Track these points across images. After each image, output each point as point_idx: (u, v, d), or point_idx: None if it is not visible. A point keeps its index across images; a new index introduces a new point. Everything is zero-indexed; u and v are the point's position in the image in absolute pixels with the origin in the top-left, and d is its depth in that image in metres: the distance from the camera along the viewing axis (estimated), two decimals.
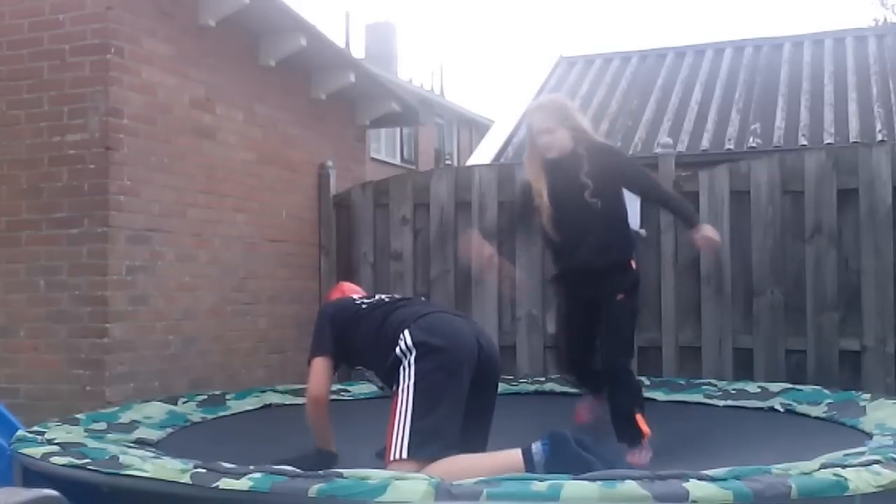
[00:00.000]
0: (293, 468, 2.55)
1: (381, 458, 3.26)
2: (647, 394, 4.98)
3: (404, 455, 2.83)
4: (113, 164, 4.65)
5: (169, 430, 3.94)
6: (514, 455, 2.78)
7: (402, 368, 2.99)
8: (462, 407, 2.99)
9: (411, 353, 2.98)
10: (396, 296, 3.59)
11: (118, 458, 2.81)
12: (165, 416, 4.14)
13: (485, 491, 2.26)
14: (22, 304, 4.73)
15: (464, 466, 2.72)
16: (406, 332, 3.04)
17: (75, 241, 4.64)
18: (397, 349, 3.02)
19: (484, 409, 3.20)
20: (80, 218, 4.64)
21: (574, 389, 5.16)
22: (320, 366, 3.36)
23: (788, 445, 3.65)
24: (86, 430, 3.55)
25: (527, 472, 2.65)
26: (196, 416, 4.31)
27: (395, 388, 3.01)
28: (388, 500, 2.27)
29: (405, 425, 2.88)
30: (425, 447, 2.83)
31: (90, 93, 4.64)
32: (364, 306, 3.40)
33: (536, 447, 2.74)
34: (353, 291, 3.81)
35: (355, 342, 3.31)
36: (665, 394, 4.94)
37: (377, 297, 3.51)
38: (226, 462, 2.65)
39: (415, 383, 2.93)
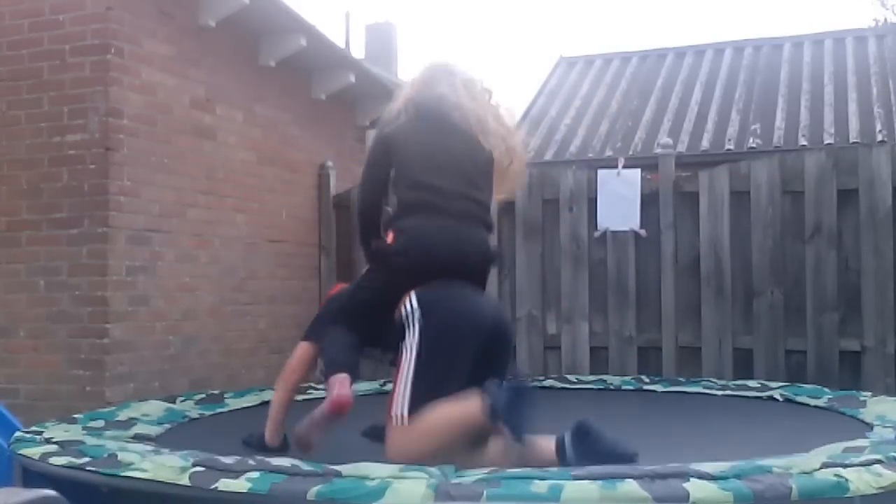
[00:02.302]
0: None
1: (367, 436, 3.33)
2: (646, 388, 5.03)
3: (405, 412, 2.88)
4: (113, 164, 4.65)
5: (167, 426, 3.95)
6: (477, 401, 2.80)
7: (406, 327, 3.00)
8: (463, 371, 2.98)
9: (415, 313, 2.99)
10: None
11: (117, 456, 2.80)
12: (163, 413, 4.15)
13: (485, 492, 2.25)
14: (22, 304, 4.73)
15: (437, 414, 2.80)
16: (412, 294, 3.03)
17: (75, 242, 4.64)
18: (402, 310, 3.02)
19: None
20: (80, 218, 4.64)
21: (573, 386, 5.18)
22: (302, 350, 3.43)
23: (788, 435, 3.65)
24: (84, 429, 3.55)
25: (488, 413, 2.68)
26: (194, 413, 4.32)
27: (399, 345, 3.02)
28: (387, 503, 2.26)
29: (407, 382, 2.92)
30: (424, 405, 2.87)
31: (90, 93, 4.65)
32: None
33: (497, 395, 2.74)
34: None
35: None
36: (664, 386, 5.02)
37: None
38: (223, 456, 2.64)
39: (418, 342, 2.95)
